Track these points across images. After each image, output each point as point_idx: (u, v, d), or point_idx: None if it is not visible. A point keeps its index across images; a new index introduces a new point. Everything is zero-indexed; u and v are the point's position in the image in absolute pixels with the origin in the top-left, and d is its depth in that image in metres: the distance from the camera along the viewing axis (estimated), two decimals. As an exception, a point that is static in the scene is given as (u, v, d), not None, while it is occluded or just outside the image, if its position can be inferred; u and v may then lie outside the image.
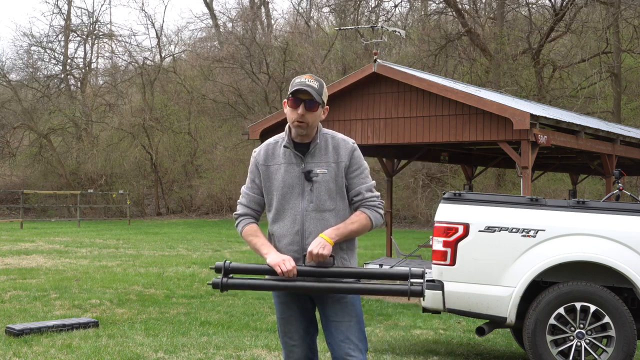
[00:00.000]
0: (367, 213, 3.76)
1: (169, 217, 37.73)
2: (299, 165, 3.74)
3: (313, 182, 3.71)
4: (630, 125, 24.57)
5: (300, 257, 3.72)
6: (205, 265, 15.18)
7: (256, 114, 34.52)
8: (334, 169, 3.73)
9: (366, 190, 3.77)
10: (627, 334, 6.15)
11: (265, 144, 3.87)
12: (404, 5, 36.85)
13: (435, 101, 11.46)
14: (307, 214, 3.71)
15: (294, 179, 3.73)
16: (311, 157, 3.73)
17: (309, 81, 3.68)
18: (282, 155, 3.77)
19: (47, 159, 39.63)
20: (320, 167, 3.72)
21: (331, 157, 3.74)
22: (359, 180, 3.77)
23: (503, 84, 27.22)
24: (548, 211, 6.47)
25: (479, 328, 6.63)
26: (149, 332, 8.29)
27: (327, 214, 3.72)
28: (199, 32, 46.80)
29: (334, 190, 3.73)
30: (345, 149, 3.76)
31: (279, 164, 3.76)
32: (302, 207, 3.72)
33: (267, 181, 3.79)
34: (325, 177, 3.71)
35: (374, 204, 3.78)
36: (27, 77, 42.03)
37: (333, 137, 3.79)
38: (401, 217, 30.95)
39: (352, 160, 3.76)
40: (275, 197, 3.76)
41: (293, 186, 3.73)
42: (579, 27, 27.40)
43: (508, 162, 16.72)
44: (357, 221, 3.73)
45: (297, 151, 3.74)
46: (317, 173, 3.71)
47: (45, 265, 14.72)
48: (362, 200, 3.77)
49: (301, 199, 3.72)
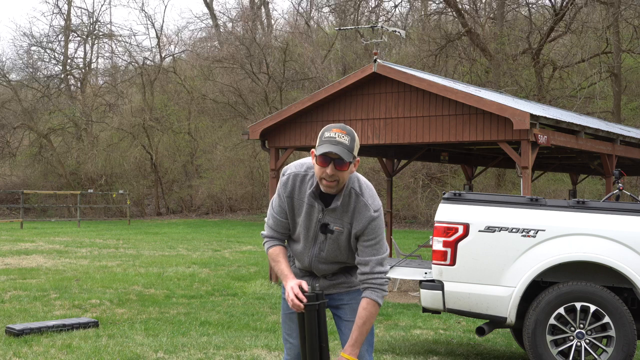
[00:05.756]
0: (374, 299, 3.63)
1: (169, 217, 37.73)
2: (318, 213, 3.68)
3: (327, 237, 3.70)
4: (630, 125, 24.57)
5: (312, 276, 3.85)
6: (206, 265, 15.18)
7: (256, 114, 34.51)
8: (349, 230, 3.68)
9: (376, 263, 3.64)
10: (627, 334, 6.15)
11: (293, 174, 3.72)
12: (404, 5, 36.91)
13: (435, 101, 11.46)
14: (316, 259, 3.78)
15: (311, 223, 3.72)
16: (332, 211, 3.67)
17: (339, 136, 3.48)
18: (307, 194, 3.68)
19: (47, 159, 39.61)
20: (337, 224, 3.67)
21: (349, 218, 3.66)
22: (371, 250, 3.65)
23: (503, 84, 27.20)
24: (548, 211, 6.47)
25: (479, 328, 6.63)
26: (149, 332, 8.29)
27: (335, 263, 3.79)
28: (199, 32, 46.87)
29: (345, 246, 3.73)
30: (364, 217, 3.63)
31: (302, 201, 3.71)
32: (313, 252, 3.77)
33: (291, 212, 3.77)
34: (341, 237, 3.69)
35: (379, 282, 3.63)
36: (27, 77, 42.01)
37: (357, 198, 3.64)
38: (401, 217, 30.94)
39: (367, 230, 3.64)
40: (295, 228, 3.80)
41: (309, 230, 3.73)
42: (579, 27, 27.37)
43: (508, 162, 16.71)
44: (367, 317, 3.61)
45: (321, 200, 3.68)
46: (332, 230, 3.67)
47: (45, 265, 14.71)
48: (369, 277, 3.63)
49: (313, 245, 3.75)
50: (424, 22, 33.59)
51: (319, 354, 3.61)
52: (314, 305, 3.58)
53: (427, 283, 6.76)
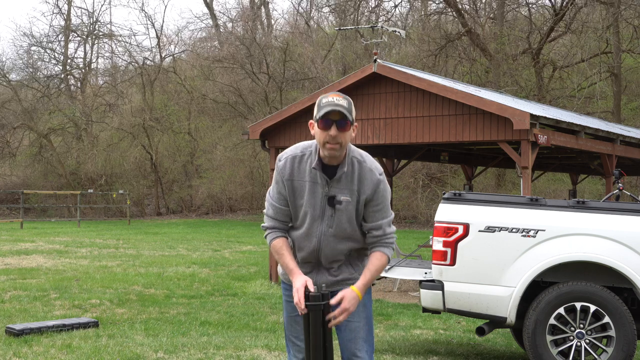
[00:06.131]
0: (385, 253, 3.71)
1: (169, 217, 37.72)
2: (323, 188, 3.66)
3: (336, 208, 3.67)
4: (630, 125, 24.57)
5: (316, 266, 3.78)
6: (206, 265, 15.18)
7: (256, 114, 34.50)
8: (357, 197, 3.67)
9: (387, 225, 3.72)
10: (627, 334, 6.15)
11: (290, 157, 3.73)
12: (404, 6, 36.92)
13: (435, 101, 11.46)
14: (325, 237, 3.71)
15: (317, 200, 3.68)
16: (337, 182, 3.65)
17: (337, 100, 3.56)
18: (308, 172, 3.67)
19: (47, 159, 39.61)
20: (344, 194, 3.66)
21: (356, 185, 3.66)
22: (381, 214, 3.70)
23: (503, 84, 27.21)
24: (548, 211, 6.47)
25: (479, 328, 6.63)
26: (149, 332, 8.29)
27: (344, 239, 3.73)
28: (199, 32, 46.88)
29: (354, 217, 3.71)
30: (371, 181, 3.67)
31: (304, 181, 3.68)
32: (321, 229, 3.71)
33: (292, 195, 3.73)
34: (349, 206, 3.67)
35: (391, 241, 3.74)
36: (27, 77, 42.02)
37: (360, 163, 3.68)
38: (401, 217, 30.94)
39: (375, 194, 3.67)
40: (298, 211, 3.74)
41: (315, 207, 3.68)
42: (579, 27, 27.38)
43: (508, 162, 16.72)
44: (380, 266, 3.70)
45: (325, 173, 3.66)
46: (340, 200, 3.66)
47: (45, 265, 14.71)
48: (383, 236, 3.71)
49: (321, 222, 3.70)
50: (424, 22, 33.59)
51: (323, 354, 3.60)
52: (319, 305, 3.56)
53: (427, 283, 6.76)
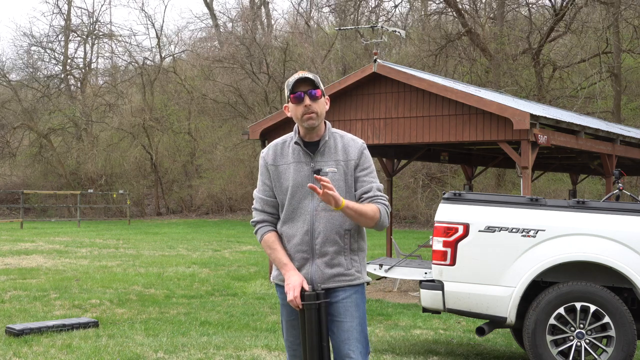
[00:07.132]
0: (380, 207, 3.71)
1: (169, 217, 37.73)
2: (309, 164, 3.71)
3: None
4: (630, 125, 24.56)
5: (309, 257, 3.70)
6: (206, 265, 15.18)
7: (256, 114, 34.51)
8: (344, 167, 3.71)
9: (377, 189, 3.75)
10: (627, 334, 6.15)
11: (273, 144, 3.84)
12: (404, 5, 36.89)
13: (435, 101, 11.46)
14: (317, 214, 3.69)
15: (304, 178, 3.70)
16: (320, 155, 3.71)
17: (303, 74, 3.67)
18: (291, 154, 3.74)
19: (47, 159, 39.63)
20: (329, 165, 3.70)
21: (341, 155, 3.71)
22: (369, 178, 3.75)
23: (503, 84, 27.21)
24: (548, 211, 6.47)
25: (479, 328, 6.63)
26: (149, 332, 8.29)
27: (336, 213, 3.69)
28: (199, 32, 46.89)
29: (344, 189, 3.70)
30: (355, 147, 3.74)
31: (288, 163, 3.74)
32: (312, 206, 3.69)
33: (277, 181, 3.76)
34: (335, 176, 3.68)
35: (384, 200, 3.76)
36: (27, 77, 42.04)
37: (342, 137, 3.77)
38: (401, 217, 30.95)
39: (361, 159, 3.74)
40: (285, 197, 3.74)
41: (303, 185, 3.70)
42: (579, 27, 27.39)
43: (508, 162, 16.72)
44: (370, 211, 3.67)
45: (307, 149, 3.71)
46: (326, 172, 3.67)
47: (45, 265, 14.71)
48: (374, 197, 3.73)
49: (311, 199, 3.70)
50: (424, 22, 33.59)
51: (319, 353, 3.59)
52: (314, 304, 3.55)
53: (427, 283, 6.76)
